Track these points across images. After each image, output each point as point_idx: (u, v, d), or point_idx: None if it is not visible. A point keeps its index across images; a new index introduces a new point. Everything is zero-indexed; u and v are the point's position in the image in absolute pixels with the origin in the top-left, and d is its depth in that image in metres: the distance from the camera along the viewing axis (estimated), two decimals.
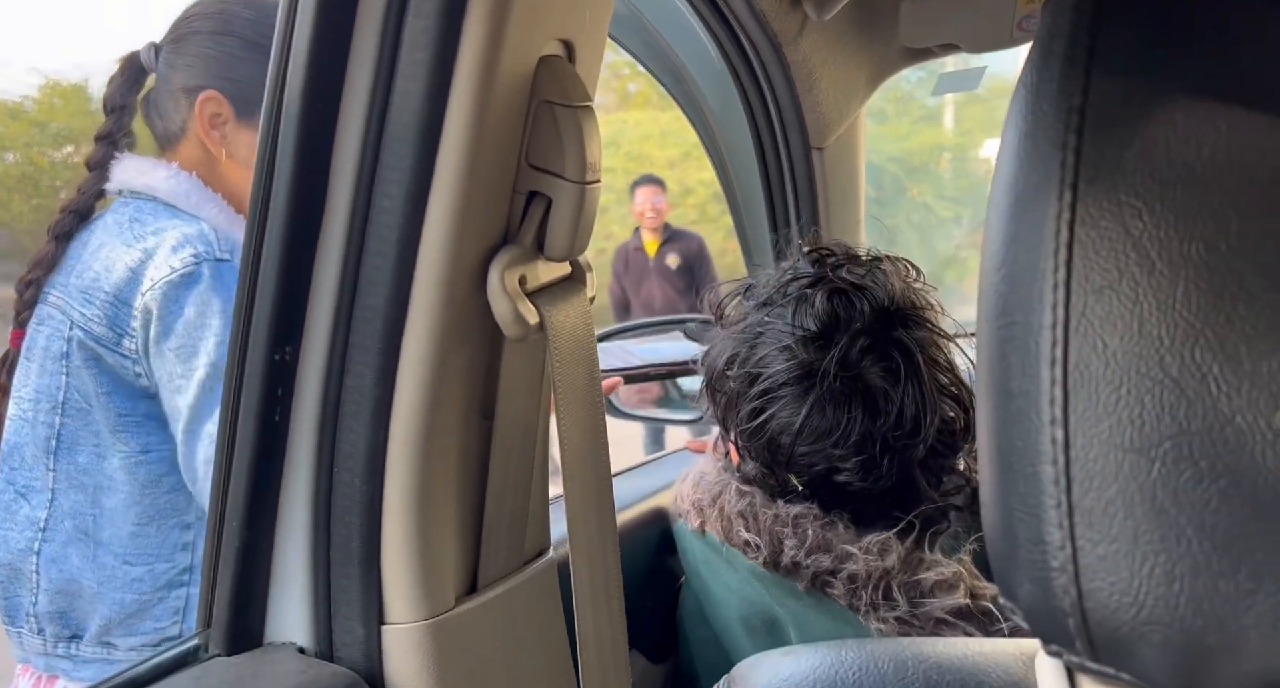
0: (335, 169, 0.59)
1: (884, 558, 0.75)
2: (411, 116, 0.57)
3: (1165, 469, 0.29)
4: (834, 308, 0.78)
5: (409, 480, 0.62)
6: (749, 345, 0.82)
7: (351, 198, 0.59)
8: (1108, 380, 0.30)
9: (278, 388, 0.61)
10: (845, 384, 0.76)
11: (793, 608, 0.77)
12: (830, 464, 0.78)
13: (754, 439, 0.81)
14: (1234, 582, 0.29)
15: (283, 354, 0.61)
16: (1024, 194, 0.32)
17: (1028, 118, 0.33)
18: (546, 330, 0.63)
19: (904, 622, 0.73)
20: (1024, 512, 0.32)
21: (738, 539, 0.79)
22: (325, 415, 0.62)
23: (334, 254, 0.60)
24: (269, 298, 0.60)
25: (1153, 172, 0.30)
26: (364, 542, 0.62)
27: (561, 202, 0.62)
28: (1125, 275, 0.30)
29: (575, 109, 0.61)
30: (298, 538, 0.64)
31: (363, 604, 0.63)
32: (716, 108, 1.35)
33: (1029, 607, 0.34)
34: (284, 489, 0.64)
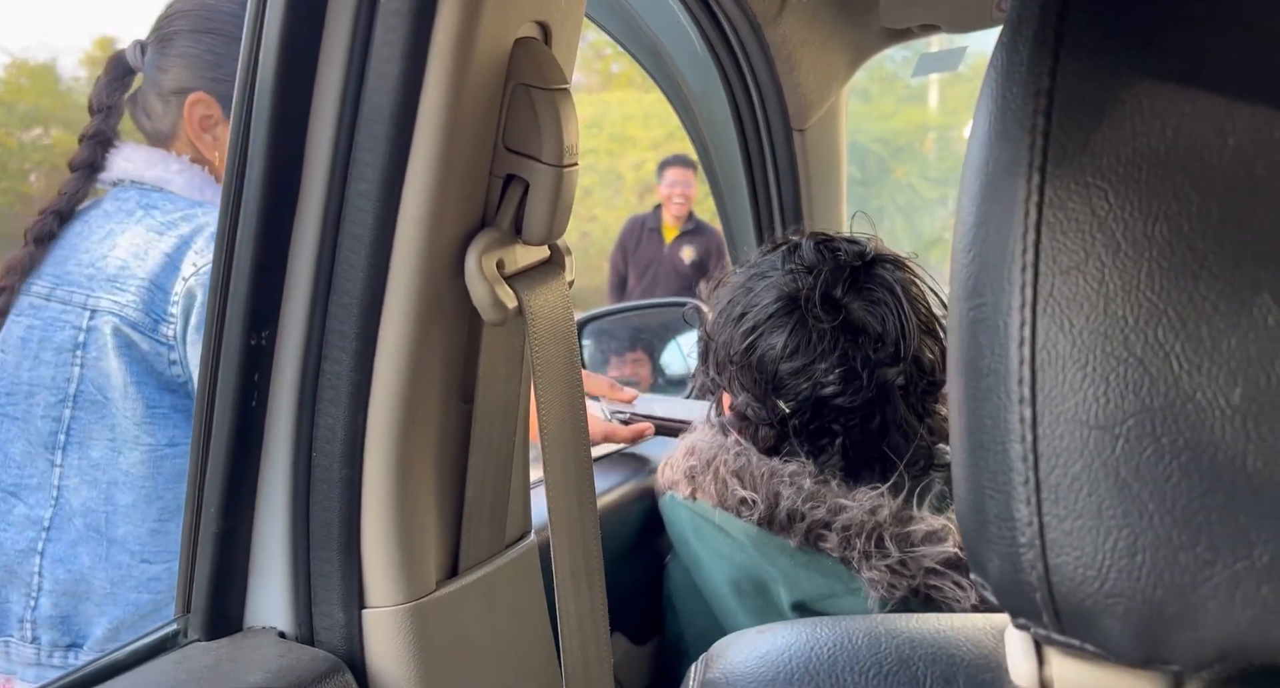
0: (310, 153, 0.59)
1: (875, 514, 0.78)
2: (386, 99, 0.57)
3: (1128, 446, 0.30)
4: (821, 252, 0.86)
5: (388, 464, 0.62)
6: (743, 291, 0.88)
7: (326, 182, 0.59)
8: (1074, 359, 0.31)
9: (254, 373, 0.61)
10: (828, 311, 0.82)
11: (784, 567, 0.79)
12: (814, 380, 0.82)
13: (744, 369, 0.86)
14: (1193, 554, 0.30)
15: (259, 339, 0.61)
16: (994, 176, 0.33)
17: (997, 100, 0.33)
18: (525, 314, 0.63)
19: (895, 572, 0.75)
20: (993, 489, 0.33)
21: (733, 499, 0.82)
22: (303, 400, 0.62)
23: (310, 238, 0.60)
24: (244, 282, 0.60)
25: (1119, 153, 0.30)
26: (343, 525, 0.62)
27: (539, 185, 0.62)
28: (1091, 256, 0.30)
29: (552, 92, 0.61)
30: (276, 522, 0.64)
31: (343, 588, 0.63)
32: (696, 89, 1.35)
33: (998, 582, 0.34)
34: (262, 474, 0.64)
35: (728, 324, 0.88)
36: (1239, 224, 0.29)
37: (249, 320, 0.60)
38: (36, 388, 0.99)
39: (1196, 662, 0.31)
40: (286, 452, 0.63)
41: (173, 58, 1.05)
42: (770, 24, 1.19)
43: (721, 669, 0.44)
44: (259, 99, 0.57)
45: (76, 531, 0.99)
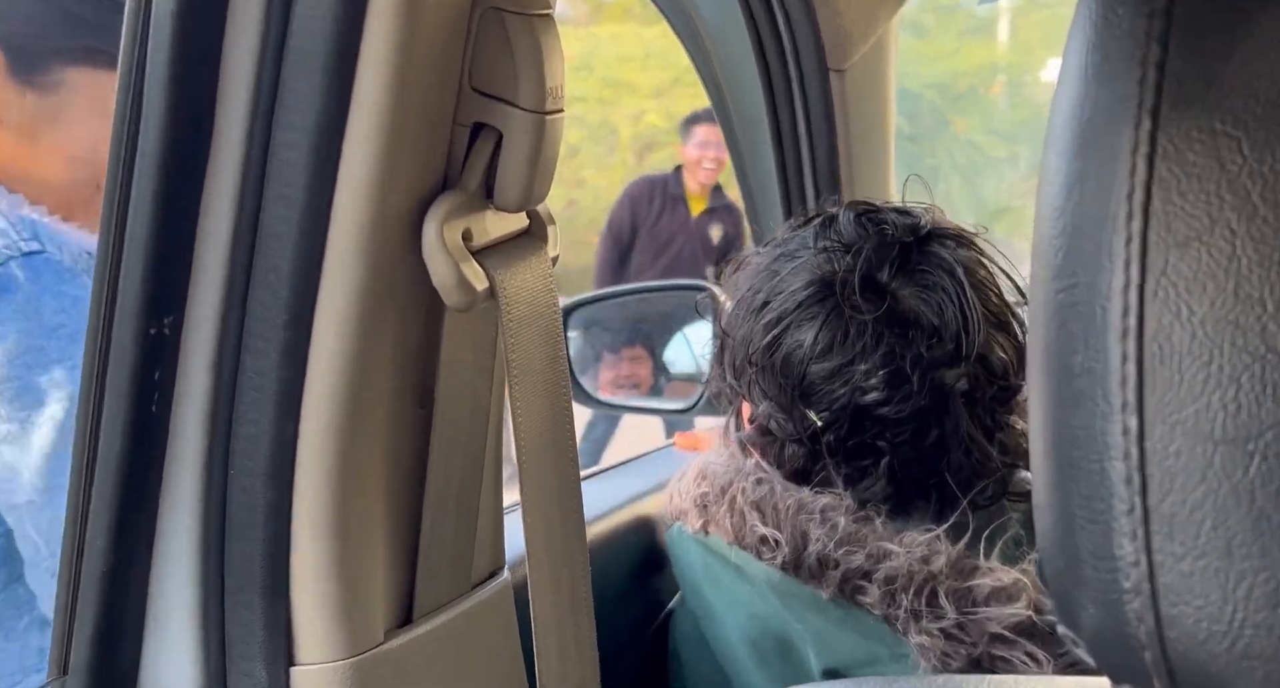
0: (223, 96, 0.59)
1: (929, 563, 0.77)
2: (321, 24, 0.56)
3: (1267, 466, 0.30)
4: (864, 225, 0.84)
5: (325, 485, 0.62)
6: (767, 276, 0.87)
7: (245, 132, 0.59)
8: (1194, 356, 0.30)
9: (155, 370, 0.61)
10: (870, 299, 0.80)
11: (814, 624, 0.79)
12: (852, 386, 0.80)
13: (767, 371, 0.85)
14: None
15: (160, 327, 0.61)
16: (1091, 123, 0.33)
17: (1097, 24, 0.33)
18: (498, 298, 0.63)
19: (951, 637, 0.74)
20: (1087, 519, 0.33)
21: (751, 537, 0.81)
22: (218, 404, 0.62)
23: (225, 200, 0.60)
24: (140, 255, 0.59)
25: (1256, 90, 0.30)
26: (267, 562, 0.62)
27: (515, 136, 0.62)
28: (1218, 223, 0.30)
29: (531, 18, 0.61)
30: (182, 559, 0.64)
31: (266, 642, 0.63)
32: (711, 20, 1.35)
33: (1094, 636, 0.35)
34: (164, 497, 0.64)
35: (748, 316, 0.87)
36: None
37: (147, 304, 0.60)
38: None
39: None
40: (196, 469, 0.63)
41: None
42: None
43: None
44: (156, 23, 0.57)
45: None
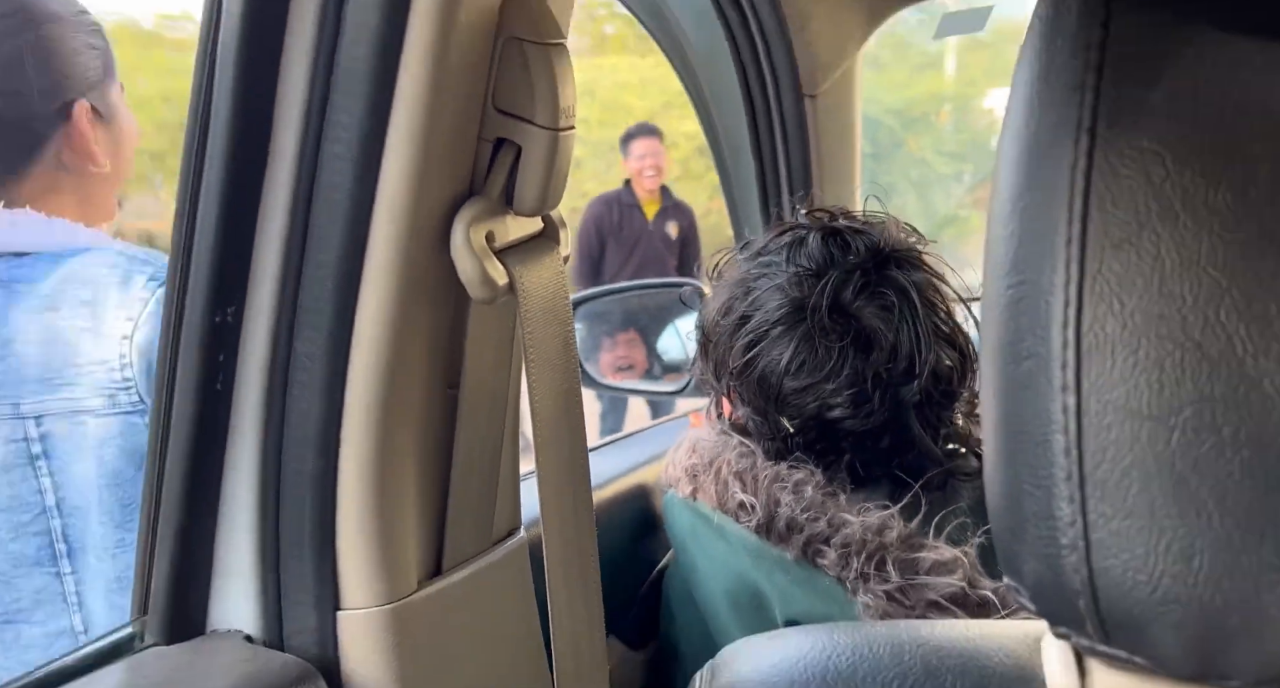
0: (280, 113, 0.58)
1: (882, 534, 0.76)
2: (364, 52, 0.56)
3: (1185, 438, 0.30)
4: (829, 248, 0.83)
5: (366, 454, 0.62)
6: (743, 290, 0.86)
7: (299, 145, 0.58)
8: (1124, 343, 0.30)
9: (219, 353, 0.61)
10: (836, 321, 0.80)
11: (779, 583, 0.79)
12: (821, 400, 0.81)
13: (745, 381, 0.84)
14: (1257, 557, 0.29)
15: (224, 316, 0.60)
16: (1037, 140, 0.32)
17: (1042, 55, 0.33)
18: (517, 292, 0.63)
19: (894, 599, 0.74)
20: (1032, 484, 0.33)
21: (732, 502, 0.81)
22: (273, 384, 0.61)
23: (280, 204, 0.59)
24: (208, 254, 0.59)
25: (1179, 113, 0.30)
26: (317, 521, 0.62)
27: (532, 150, 0.61)
28: (1146, 228, 0.30)
29: (547, 47, 0.60)
30: (243, 517, 0.63)
31: (316, 589, 0.63)
32: (700, 50, 1.34)
33: (1036, 586, 0.34)
34: (227, 463, 0.63)
35: (728, 330, 0.86)
36: None
37: (213, 296, 0.60)
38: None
39: (1258, 678, 0.31)
40: (254, 440, 0.62)
41: None
42: None
43: (729, 679, 0.44)
44: (222, 51, 0.57)
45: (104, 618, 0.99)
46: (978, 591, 0.74)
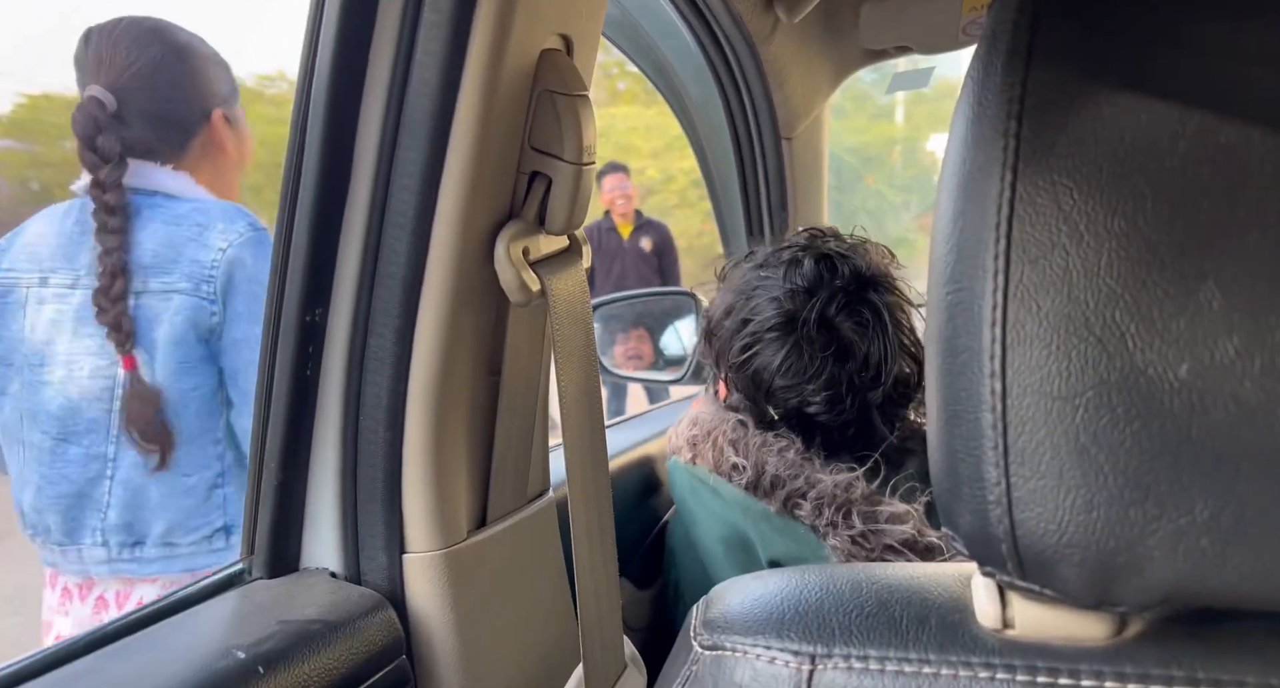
0: (359, 151, 0.58)
1: (849, 491, 0.77)
2: (426, 103, 0.56)
3: (1087, 415, 0.30)
4: (820, 270, 0.83)
5: (425, 428, 0.62)
6: (745, 297, 0.85)
7: (373, 177, 0.58)
8: (1040, 338, 0.30)
9: (309, 346, 0.61)
10: (822, 332, 0.80)
11: (762, 530, 0.79)
12: (802, 398, 0.81)
13: (740, 374, 0.84)
14: (1142, 510, 0.30)
15: (313, 316, 0.60)
16: (970, 175, 0.32)
17: (974, 107, 0.33)
18: (547, 296, 0.62)
19: (856, 542, 0.74)
20: (965, 453, 0.33)
21: (726, 465, 0.81)
22: (351, 370, 0.61)
23: (358, 227, 0.59)
24: (301, 265, 0.59)
25: (1083, 155, 0.30)
26: (386, 481, 0.62)
27: (560, 181, 0.61)
28: (1057, 246, 0.30)
29: (573, 97, 0.60)
30: (328, 477, 0.63)
31: (386, 535, 0.63)
32: (697, 100, 1.33)
33: (968, 534, 0.34)
34: (316, 434, 0.63)
35: (729, 328, 0.86)
36: (1187, 219, 0.29)
37: (305, 299, 0.60)
38: (78, 356, 1.08)
39: (1141, 605, 0.31)
40: (337, 415, 0.62)
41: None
42: (764, 42, 1.18)
43: (720, 610, 0.43)
44: (314, 102, 0.57)
45: (133, 458, 1.09)
46: (925, 538, 0.74)
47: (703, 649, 0.40)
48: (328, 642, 0.56)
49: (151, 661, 0.51)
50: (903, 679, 0.35)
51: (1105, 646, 0.34)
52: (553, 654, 0.74)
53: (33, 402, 1.10)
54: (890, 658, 0.36)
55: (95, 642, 0.53)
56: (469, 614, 0.65)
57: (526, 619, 0.72)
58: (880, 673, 0.36)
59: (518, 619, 0.71)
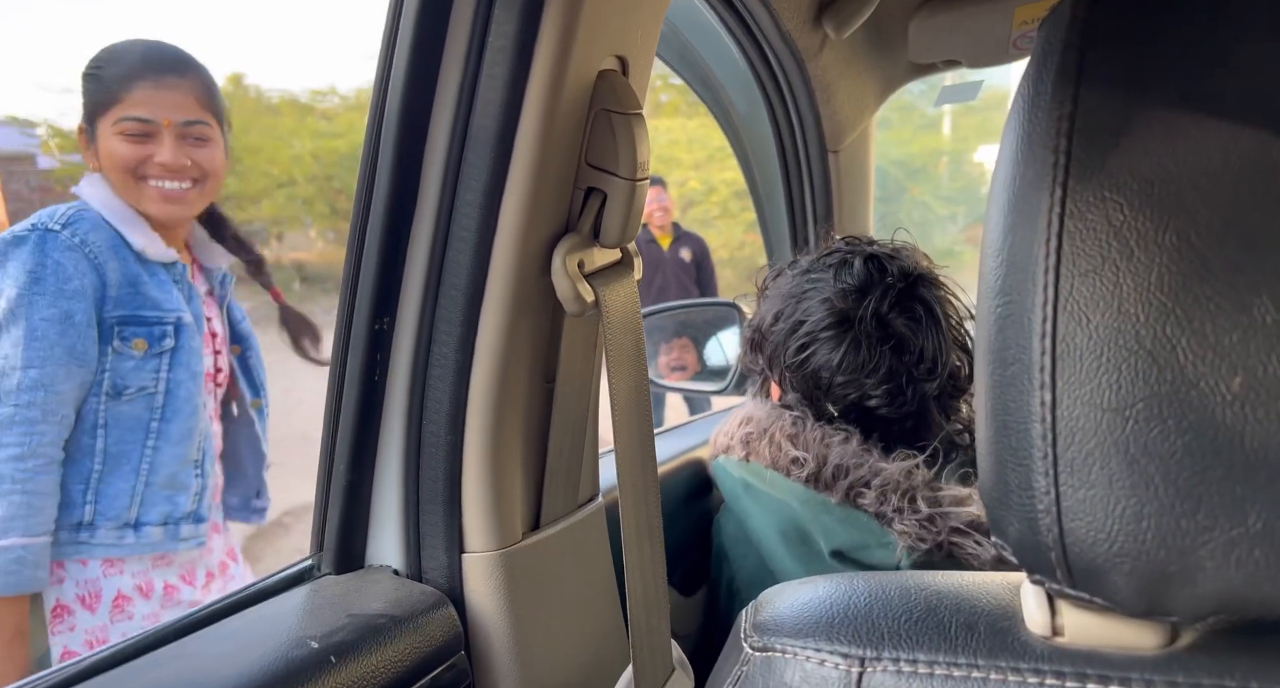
0: (426, 168, 0.60)
1: (910, 477, 0.78)
2: (490, 123, 0.57)
3: (1138, 426, 0.30)
4: (869, 270, 0.84)
5: (484, 432, 0.63)
6: (794, 301, 0.87)
7: (439, 192, 0.60)
8: (1090, 350, 0.31)
9: (377, 353, 0.63)
10: (877, 329, 0.81)
11: (823, 521, 0.79)
12: (862, 392, 0.82)
13: (798, 374, 0.85)
14: (1194, 520, 0.30)
15: (381, 324, 0.62)
16: (1020, 190, 0.33)
17: (1024, 124, 0.33)
18: (601, 307, 0.63)
19: (924, 526, 0.75)
20: (1015, 463, 0.33)
21: (785, 459, 0.82)
22: (415, 376, 0.63)
23: (424, 240, 0.61)
24: (370, 277, 0.61)
25: (1133, 171, 0.30)
26: (447, 482, 0.63)
27: (615, 196, 0.62)
28: (1108, 261, 0.30)
29: (629, 116, 0.61)
30: (393, 478, 0.65)
31: (446, 535, 0.64)
32: (743, 113, 1.33)
33: (1017, 543, 0.35)
34: (382, 437, 0.65)
35: (781, 331, 0.86)
36: (1240, 234, 0.29)
37: (374, 309, 0.61)
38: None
39: (1193, 614, 0.31)
40: (401, 419, 0.64)
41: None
42: (812, 58, 1.18)
43: (769, 614, 0.43)
44: (386, 123, 0.59)
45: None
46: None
47: (753, 651, 0.40)
48: (393, 636, 0.58)
49: (235, 647, 0.54)
50: (952, 683, 0.35)
51: (1157, 655, 0.34)
52: (602, 655, 0.75)
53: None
54: (939, 662, 0.36)
55: (182, 629, 0.56)
56: (524, 614, 0.66)
57: (578, 620, 0.72)
58: (929, 677, 0.36)
59: (569, 620, 0.71)
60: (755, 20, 1.09)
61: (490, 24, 0.56)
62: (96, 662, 0.51)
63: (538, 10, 0.55)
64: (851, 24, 1.10)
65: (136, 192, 1.19)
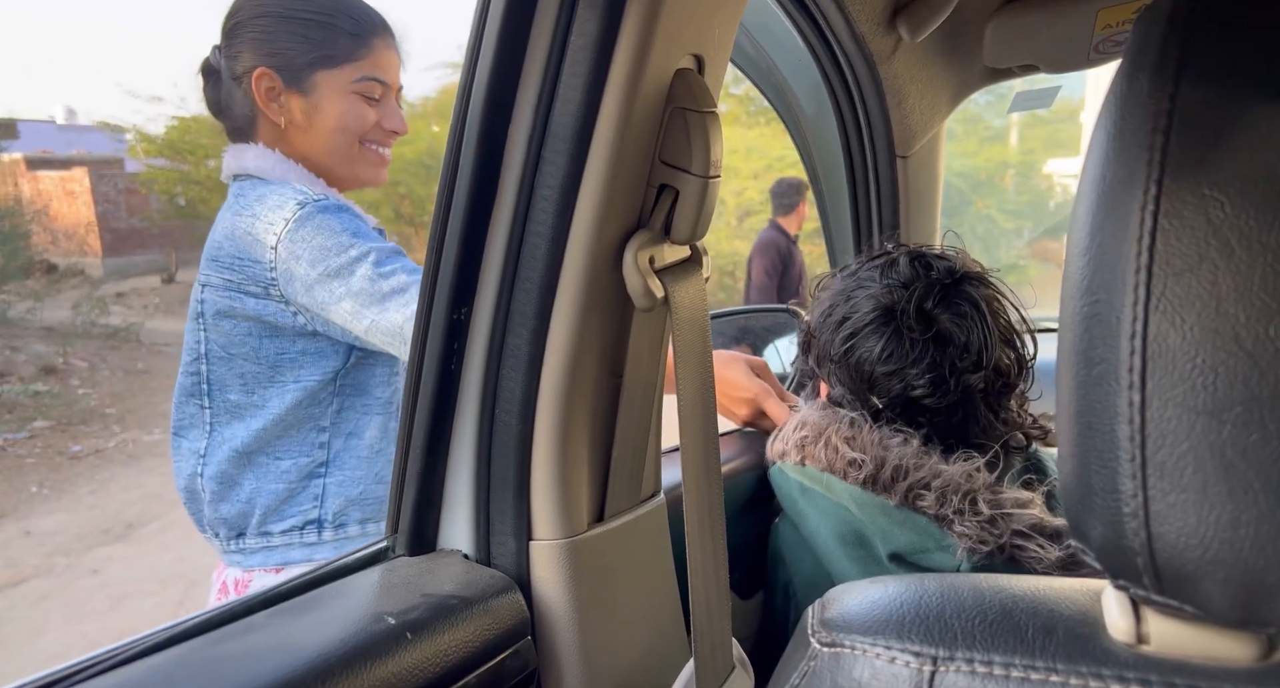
0: (506, 163, 0.61)
1: (971, 480, 0.77)
2: (569, 119, 0.58)
3: (1235, 430, 0.29)
4: (915, 267, 0.85)
5: (554, 423, 0.64)
6: (844, 299, 0.88)
7: (518, 186, 0.61)
8: (1184, 352, 0.30)
9: (455, 342, 0.64)
10: (919, 321, 0.82)
11: (881, 524, 0.79)
12: (906, 383, 0.82)
13: (842, 366, 0.86)
14: None
15: (460, 315, 0.63)
16: (1111, 187, 0.32)
17: (1116, 121, 0.32)
18: (670, 303, 0.63)
19: (985, 528, 0.74)
20: (1099, 464, 0.32)
21: (842, 462, 0.82)
22: (490, 366, 0.64)
23: (502, 233, 0.62)
24: (450, 268, 0.62)
25: (1235, 169, 0.30)
26: (517, 471, 0.64)
27: (687, 193, 0.62)
28: (1205, 260, 0.30)
29: (704, 114, 0.61)
30: (465, 464, 0.66)
31: (515, 522, 0.65)
32: (811, 116, 1.33)
33: (1101, 547, 0.34)
34: (456, 424, 0.66)
35: (829, 327, 0.87)
36: None
37: (453, 299, 0.63)
38: (185, 351, 1.08)
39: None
40: (475, 408, 0.65)
41: (237, 46, 1.05)
42: (885, 61, 1.17)
43: (838, 611, 0.43)
44: (470, 118, 0.60)
45: (225, 453, 1.07)
46: (1051, 523, 0.74)
47: (821, 646, 0.40)
48: (464, 617, 0.59)
49: (317, 620, 0.56)
50: (1029, 687, 0.35)
51: (1252, 668, 0.33)
52: (663, 649, 0.75)
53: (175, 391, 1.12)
54: (1015, 664, 0.36)
55: (268, 600, 0.58)
56: (588, 603, 0.67)
57: (639, 613, 0.73)
58: (1005, 679, 0.35)
59: (631, 612, 0.72)
60: (828, 21, 1.09)
61: (573, 23, 0.57)
62: (189, 628, 0.54)
63: (619, 10, 0.56)
64: (928, 26, 1.09)
65: (352, 154, 1.09)
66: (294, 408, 1.06)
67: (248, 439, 1.07)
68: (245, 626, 0.56)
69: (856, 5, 1.05)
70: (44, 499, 4.75)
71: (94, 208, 13.90)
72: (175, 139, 11.62)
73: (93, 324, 8.78)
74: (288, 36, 1.04)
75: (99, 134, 14.60)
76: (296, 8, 1.05)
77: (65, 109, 23.09)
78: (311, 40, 1.04)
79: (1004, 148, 10.24)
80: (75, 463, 5.37)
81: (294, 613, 0.57)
